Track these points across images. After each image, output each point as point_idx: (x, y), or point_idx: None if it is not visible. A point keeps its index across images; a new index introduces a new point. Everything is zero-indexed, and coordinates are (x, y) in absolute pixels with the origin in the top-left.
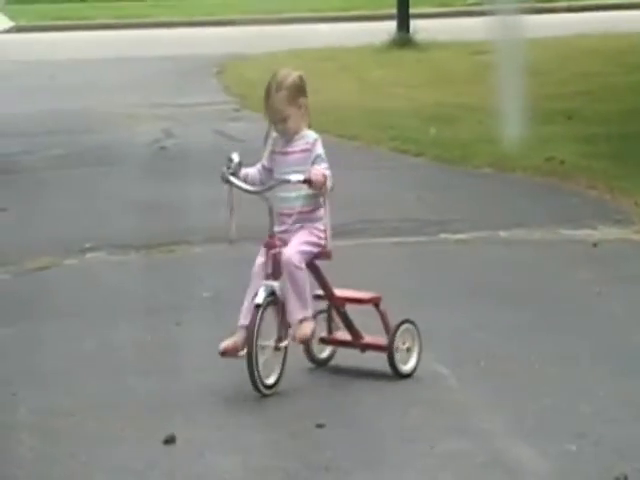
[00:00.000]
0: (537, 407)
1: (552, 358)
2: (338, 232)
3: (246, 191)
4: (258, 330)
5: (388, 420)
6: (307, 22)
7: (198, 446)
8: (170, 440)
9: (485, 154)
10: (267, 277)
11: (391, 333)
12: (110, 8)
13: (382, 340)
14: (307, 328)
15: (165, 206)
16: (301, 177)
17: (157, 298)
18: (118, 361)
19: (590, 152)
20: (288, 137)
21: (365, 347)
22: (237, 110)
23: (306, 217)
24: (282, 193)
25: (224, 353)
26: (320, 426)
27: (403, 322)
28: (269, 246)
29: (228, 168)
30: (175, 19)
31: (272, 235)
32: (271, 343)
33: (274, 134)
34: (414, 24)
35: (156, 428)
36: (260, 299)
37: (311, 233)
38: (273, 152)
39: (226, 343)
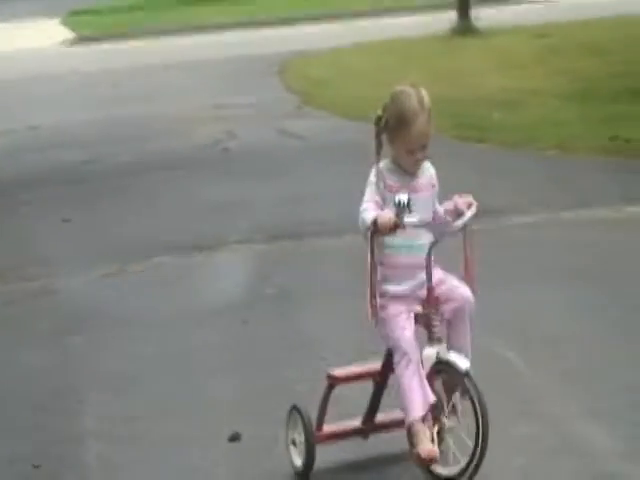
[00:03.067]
0: (608, 388)
1: (622, 338)
2: None
3: (439, 232)
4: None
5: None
6: (363, 17)
7: (265, 443)
8: (235, 438)
9: (550, 136)
10: (434, 341)
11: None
12: (172, 15)
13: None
14: None
15: (229, 205)
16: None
17: (222, 298)
18: (183, 363)
19: None
20: (415, 170)
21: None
22: (299, 108)
23: (432, 266)
24: (418, 240)
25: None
26: None
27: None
28: (434, 302)
29: (404, 211)
30: (233, 20)
31: (431, 288)
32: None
33: (382, 165)
34: (474, 12)
35: (222, 427)
36: None
37: None
38: (386, 189)
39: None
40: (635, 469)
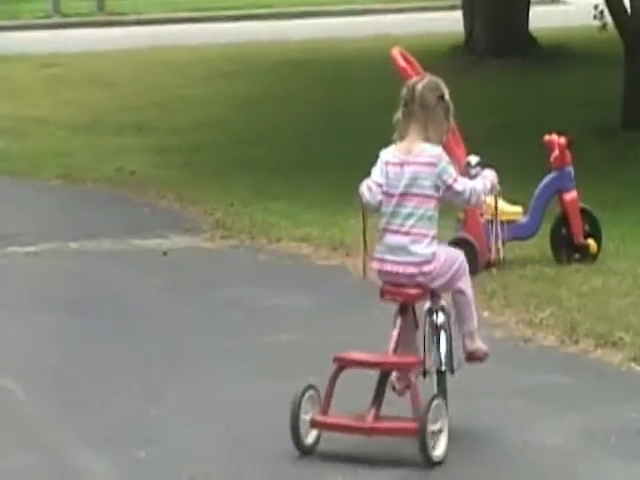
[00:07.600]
0: (108, 417)
1: (122, 368)
2: None
3: None
4: None
5: None
6: None
7: None
8: None
9: (55, 166)
10: None
11: (423, 412)
12: None
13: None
14: None
15: None
16: None
17: None
18: None
19: (160, 162)
20: None
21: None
22: None
23: None
24: None
25: None
26: None
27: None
28: None
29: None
30: None
31: None
32: None
33: None
34: None
35: None
36: None
37: None
38: None
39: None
40: None
